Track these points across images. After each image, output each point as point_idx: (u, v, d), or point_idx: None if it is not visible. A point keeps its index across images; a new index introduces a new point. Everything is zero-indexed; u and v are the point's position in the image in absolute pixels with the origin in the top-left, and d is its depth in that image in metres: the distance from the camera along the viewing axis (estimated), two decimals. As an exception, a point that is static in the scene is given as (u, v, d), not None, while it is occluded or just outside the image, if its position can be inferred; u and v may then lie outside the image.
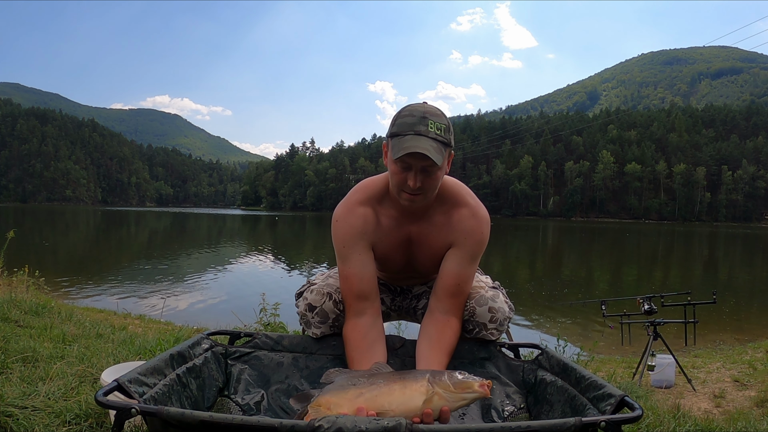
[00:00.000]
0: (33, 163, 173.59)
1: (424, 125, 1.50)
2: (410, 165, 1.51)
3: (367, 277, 1.65)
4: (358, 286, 1.64)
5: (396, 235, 1.69)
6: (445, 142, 1.52)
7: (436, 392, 1.29)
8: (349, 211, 1.69)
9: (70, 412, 1.69)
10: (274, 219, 64.68)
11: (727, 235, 51.25)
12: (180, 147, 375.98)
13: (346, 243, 1.66)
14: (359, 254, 1.66)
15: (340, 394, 1.34)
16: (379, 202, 1.69)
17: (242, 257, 18.98)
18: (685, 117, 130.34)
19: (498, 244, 26.83)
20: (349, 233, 1.66)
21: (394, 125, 1.54)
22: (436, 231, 1.68)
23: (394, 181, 1.57)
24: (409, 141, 1.48)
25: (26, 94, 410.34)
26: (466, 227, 1.66)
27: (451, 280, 1.64)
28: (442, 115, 1.55)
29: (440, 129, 1.51)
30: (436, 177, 1.54)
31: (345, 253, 1.66)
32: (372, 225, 1.68)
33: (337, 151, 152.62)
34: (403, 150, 1.47)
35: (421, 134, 1.49)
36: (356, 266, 1.65)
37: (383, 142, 1.64)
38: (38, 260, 11.96)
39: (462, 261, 1.65)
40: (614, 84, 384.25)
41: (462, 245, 1.66)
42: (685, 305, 4.38)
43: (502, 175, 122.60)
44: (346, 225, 1.67)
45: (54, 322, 3.16)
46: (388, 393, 1.30)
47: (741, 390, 4.19)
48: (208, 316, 7.26)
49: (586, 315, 8.68)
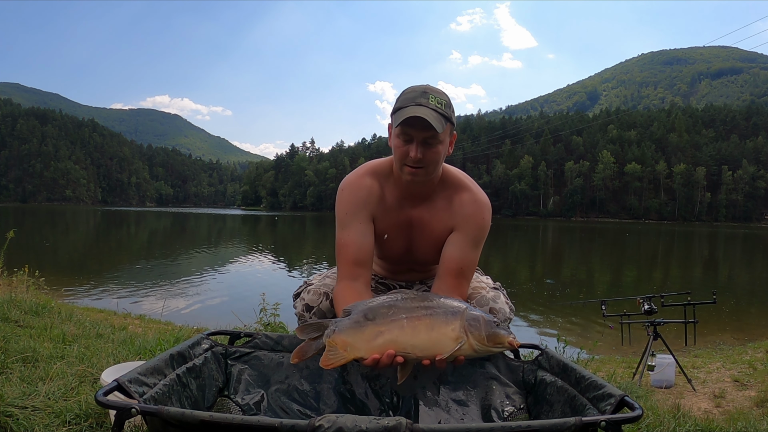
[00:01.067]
0: (33, 163, 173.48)
1: (425, 98, 1.55)
2: (411, 137, 1.55)
3: (365, 247, 1.66)
4: (355, 253, 1.64)
5: (397, 215, 1.71)
6: (446, 115, 1.56)
7: (468, 342, 1.18)
8: (356, 181, 1.73)
9: (70, 412, 1.70)
10: (274, 219, 64.65)
11: (727, 235, 51.24)
12: (180, 147, 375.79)
13: (348, 211, 1.69)
14: (360, 223, 1.68)
15: (357, 334, 1.21)
16: (386, 178, 1.73)
17: (242, 257, 18.97)
18: (685, 117, 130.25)
19: (498, 244, 26.83)
20: (352, 201, 1.70)
21: (397, 102, 1.59)
22: (437, 215, 1.69)
23: (397, 156, 1.61)
24: (410, 110, 1.53)
25: (26, 94, 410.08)
26: (468, 212, 1.68)
27: (453, 264, 1.65)
28: (443, 93, 1.59)
29: (441, 103, 1.56)
30: (437, 150, 1.57)
31: (346, 220, 1.68)
32: (376, 197, 1.70)
33: (337, 151, 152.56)
34: (403, 116, 1.52)
35: (422, 105, 1.53)
36: (356, 234, 1.66)
37: (389, 124, 1.68)
38: (38, 260, 11.94)
39: (464, 245, 1.66)
40: (614, 84, 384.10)
41: (463, 230, 1.67)
42: (685, 305, 4.38)
43: (502, 175, 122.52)
44: (351, 194, 1.71)
45: (54, 322, 3.16)
46: (412, 334, 1.18)
47: (741, 390, 4.19)
48: (208, 316, 7.25)
49: (586, 315, 8.67)
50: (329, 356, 1.22)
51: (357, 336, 1.20)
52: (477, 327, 1.21)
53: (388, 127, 1.68)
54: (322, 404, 1.61)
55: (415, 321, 1.18)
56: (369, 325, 1.20)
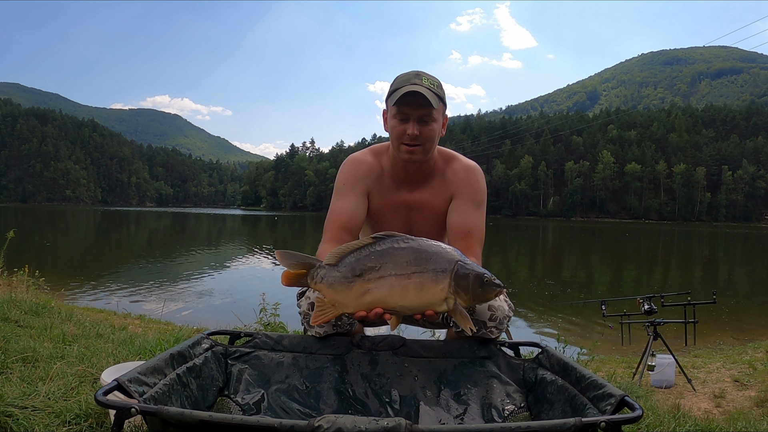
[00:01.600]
0: (33, 163, 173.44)
1: (418, 79, 1.64)
2: (407, 115, 1.63)
3: (355, 218, 1.72)
4: (345, 220, 1.71)
5: (394, 196, 1.77)
6: (439, 95, 1.64)
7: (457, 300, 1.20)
8: (358, 156, 1.82)
9: (70, 412, 1.69)
10: (274, 219, 64.65)
11: (727, 235, 51.22)
12: (180, 147, 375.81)
13: (346, 182, 1.76)
14: (355, 195, 1.74)
15: (344, 291, 1.22)
16: (386, 159, 1.80)
17: (242, 257, 18.97)
18: (685, 117, 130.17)
19: (498, 244, 26.82)
20: (351, 174, 1.77)
21: (391, 86, 1.69)
22: (434, 193, 1.76)
23: (394, 135, 1.67)
24: (405, 88, 1.60)
25: (26, 94, 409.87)
26: (461, 178, 1.75)
27: (459, 229, 1.71)
28: (434, 77, 1.68)
29: (433, 83, 1.65)
30: (432, 129, 1.65)
31: (343, 191, 1.75)
32: (375, 174, 1.77)
33: (337, 151, 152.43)
34: (399, 94, 1.60)
35: (417, 84, 1.62)
36: (350, 204, 1.73)
37: (384, 110, 1.77)
38: (38, 260, 11.95)
39: (465, 209, 1.73)
40: (614, 84, 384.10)
41: (461, 195, 1.74)
42: (685, 305, 4.38)
43: (502, 175, 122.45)
44: (352, 167, 1.79)
45: (54, 322, 3.15)
46: (401, 295, 1.20)
47: (741, 390, 4.19)
48: (208, 316, 7.25)
49: (586, 315, 8.67)
50: (318, 313, 1.26)
51: (345, 293, 1.21)
52: (465, 286, 1.22)
53: (383, 113, 1.75)
54: (322, 404, 1.61)
55: (404, 280, 1.18)
56: (357, 282, 1.20)
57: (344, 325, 1.73)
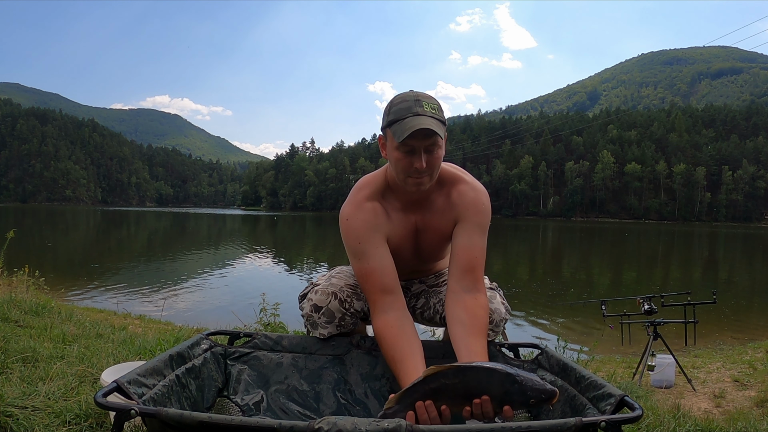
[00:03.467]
0: (33, 163, 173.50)
1: (419, 106, 1.53)
2: (413, 148, 1.53)
3: (389, 270, 1.63)
4: (381, 280, 1.61)
5: (404, 225, 1.71)
6: (442, 120, 1.56)
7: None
8: (358, 208, 1.67)
9: (70, 412, 1.69)
10: (273, 219, 64.65)
11: (727, 235, 51.22)
12: (180, 147, 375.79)
13: (361, 239, 1.64)
14: (376, 248, 1.63)
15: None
16: (383, 196, 1.70)
17: (242, 257, 18.96)
18: (685, 117, 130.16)
19: (498, 244, 26.82)
20: (363, 228, 1.64)
21: (390, 114, 1.56)
22: (439, 214, 1.70)
23: (400, 168, 1.58)
24: (411, 122, 1.51)
25: (26, 94, 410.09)
26: (467, 200, 1.69)
27: (465, 254, 1.65)
28: (432, 97, 1.59)
29: (434, 108, 1.55)
30: (438, 156, 1.58)
31: (362, 249, 1.63)
32: (383, 217, 1.68)
33: (337, 151, 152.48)
34: (407, 131, 1.49)
35: (420, 114, 1.52)
36: (376, 260, 1.62)
37: (379, 136, 1.66)
38: (38, 260, 11.95)
39: (470, 233, 1.67)
40: (614, 84, 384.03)
41: (466, 218, 1.69)
42: (685, 305, 4.38)
43: (502, 175, 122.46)
44: (359, 221, 1.65)
45: (54, 322, 3.15)
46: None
47: (741, 390, 4.19)
48: (208, 316, 7.25)
49: (586, 315, 8.67)
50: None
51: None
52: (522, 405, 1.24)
53: (379, 138, 1.66)
54: (322, 405, 1.61)
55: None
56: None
57: (347, 326, 1.73)
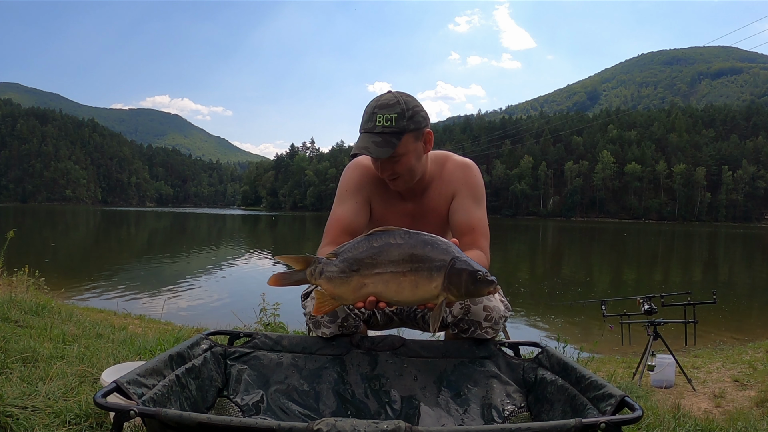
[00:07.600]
0: (33, 163, 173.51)
1: (372, 122, 1.58)
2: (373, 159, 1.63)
3: (357, 224, 1.72)
4: (346, 225, 1.71)
5: (398, 205, 1.78)
6: (397, 131, 1.56)
7: (448, 297, 1.26)
8: (363, 162, 1.79)
9: (70, 412, 1.69)
10: (272, 219, 64.63)
11: (727, 235, 51.22)
12: (180, 147, 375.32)
13: (348, 188, 1.76)
14: (356, 202, 1.74)
15: (342, 285, 1.29)
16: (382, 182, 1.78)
17: (242, 257, 18.97)
18: (685, 117, 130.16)
19: (498, 244, 26.82)
20: (354, 180, 1.77)
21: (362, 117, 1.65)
22: (435, 199, 1.77)
23: (376, 171, 1.69)
24: (360, 140, 1.60)
25: (26, 94, 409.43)
26: (458, 176, 1.75)
27: (463, 227, 1.71)
28: (395, 104, 1.58)
29: (389, 120, 1.56)
30: (402, 163, 1.61)
31: (345, 196, 1.75)
32: (377, 182, 1.76)
33: (337, 151, 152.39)
34: (354, 149, 1.60)
35: (368, 131, 1.58)
36: (351, 210, 1.73)
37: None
38: (38, 260, 11.94)
39: (465, 206, 1.73)
40: (614, 84, 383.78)
41: (460, 192, 1.74)
42: (685, 305, 4.38)
43: (502, 175, 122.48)
44: (355, 173, 1.78)
45: (54, 322, 3.15)
46: (396, 291, 1.26)
47: (741, 390, 4.19)
48: (208, 316, 7.26)
49: (586, 315, 8.67)
50: (319, 305, 1.32)
51: (343, 287, 1.28)
52: (458, 284, 1.25)
53: None
54: (322, 405, 1.61)
55: (399, 277, 1.24)
56: (354, 277, 1.27)
57: (350, 327, 1.72)
